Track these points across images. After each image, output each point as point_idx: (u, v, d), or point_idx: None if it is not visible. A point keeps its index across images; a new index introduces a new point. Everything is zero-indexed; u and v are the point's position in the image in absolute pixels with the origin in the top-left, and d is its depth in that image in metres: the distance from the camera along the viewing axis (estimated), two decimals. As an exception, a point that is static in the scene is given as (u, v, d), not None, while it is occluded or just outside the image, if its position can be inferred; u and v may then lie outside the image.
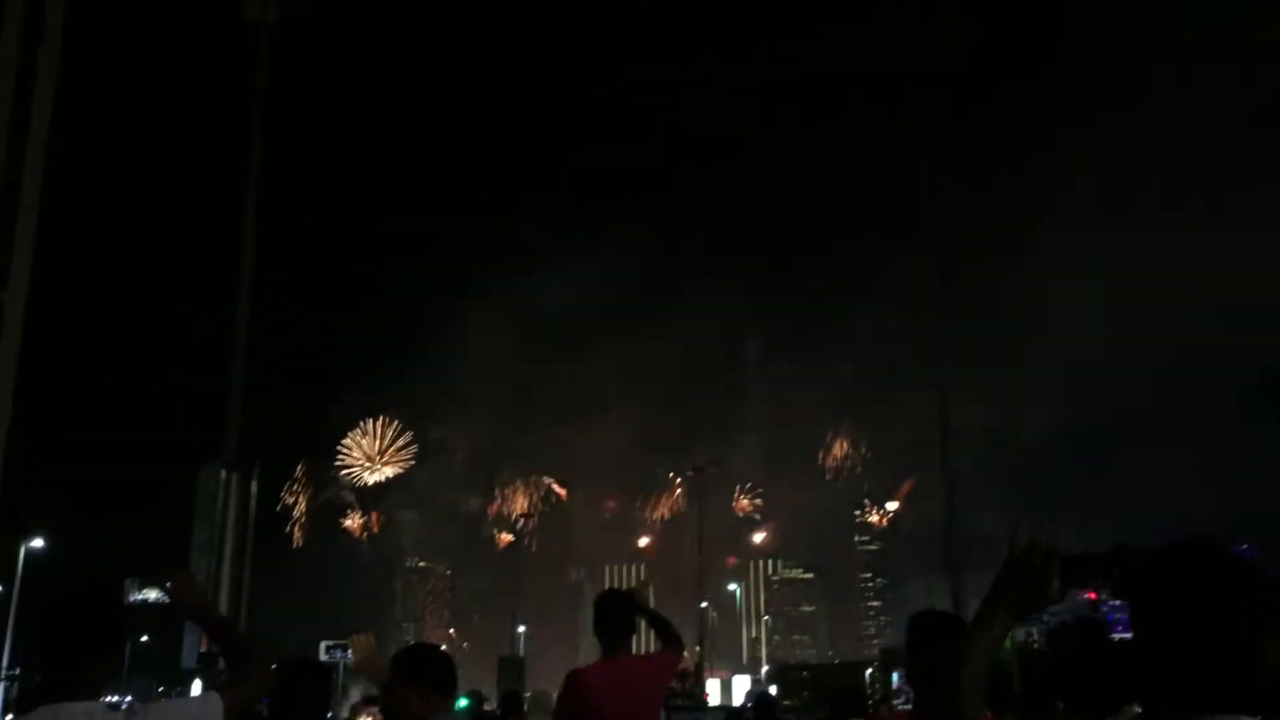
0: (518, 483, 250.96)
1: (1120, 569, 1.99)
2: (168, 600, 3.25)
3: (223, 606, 12.53)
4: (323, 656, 28.18)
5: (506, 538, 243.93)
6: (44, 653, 2.95)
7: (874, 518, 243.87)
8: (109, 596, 3.03)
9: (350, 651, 4.55)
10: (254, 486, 13.09)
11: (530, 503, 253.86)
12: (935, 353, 16.46)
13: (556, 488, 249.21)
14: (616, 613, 5.06)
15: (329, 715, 4.96)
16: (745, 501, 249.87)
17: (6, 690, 42.44)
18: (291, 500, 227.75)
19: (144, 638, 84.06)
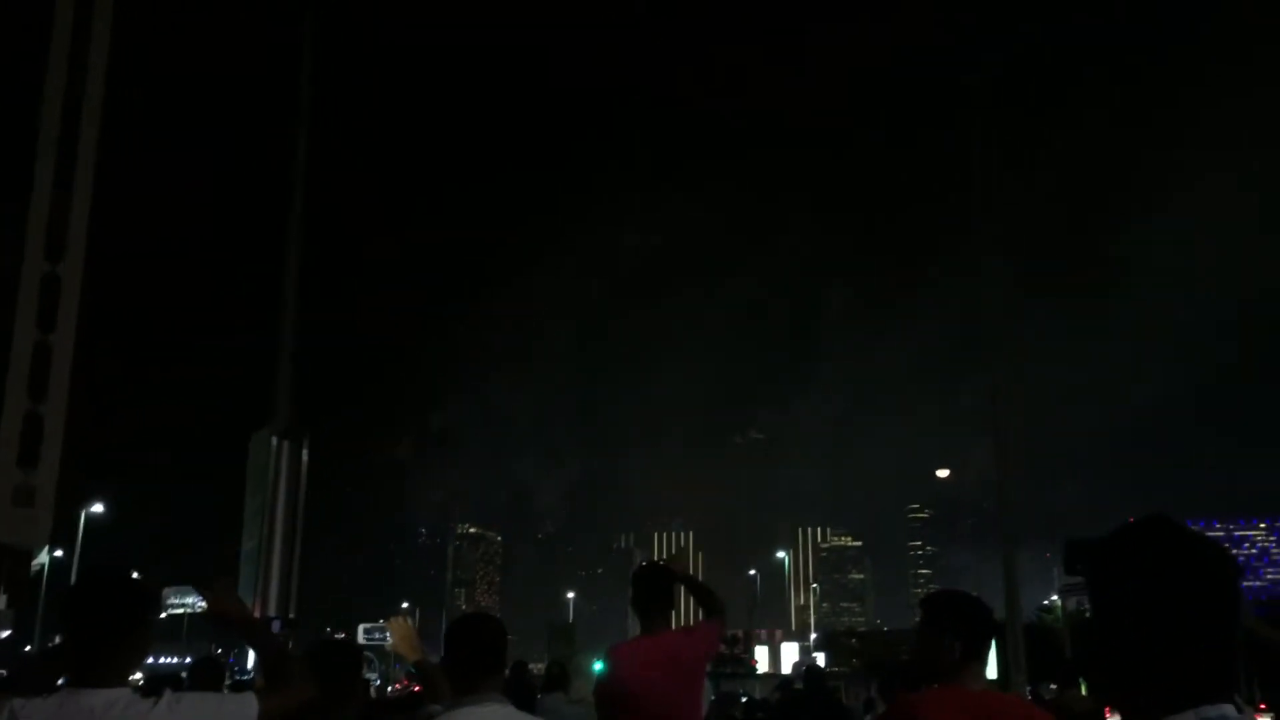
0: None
1: (1067, 550, 1.80)
2: (205, 607, 3.16)
3: (274, 575, 12.57)
4: (361, 639, 28.45)
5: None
6: (67, 634, 2.87)
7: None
8: (130, 579, 2.93)
9: (388, 634, 4.50)
10: (305, 454, 13.06)
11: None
12: (994, 317, 16.07)
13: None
14: (652, 588, 4.94)
15: (364, 691, 4.89)
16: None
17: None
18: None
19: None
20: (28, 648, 47.74)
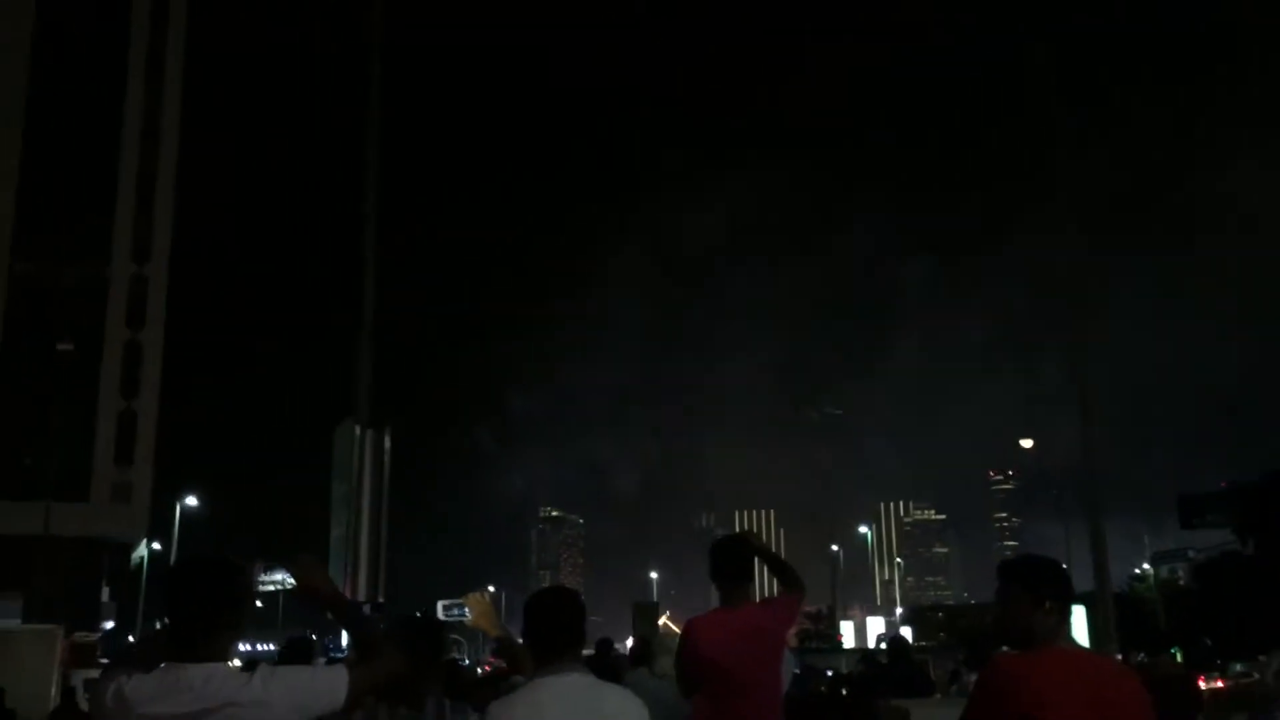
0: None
1: (1184, 502, 1.78)
2: (294, 584, 3.27)
3: (362, 561, 12.84)
4: (440, 615, 28.97)
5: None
6: (167, 614, 3.01)
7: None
8: (222, 560, 3.06)
9: (467, 609, 4.58)
10: (387, 441, 13.27)
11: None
12: (1072, 281, 15.75)
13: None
14: (731, 559, 4.96)
15: (449, 667, 5.01)
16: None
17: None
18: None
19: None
20: (130, 637, 49.25)
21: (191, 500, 52.45)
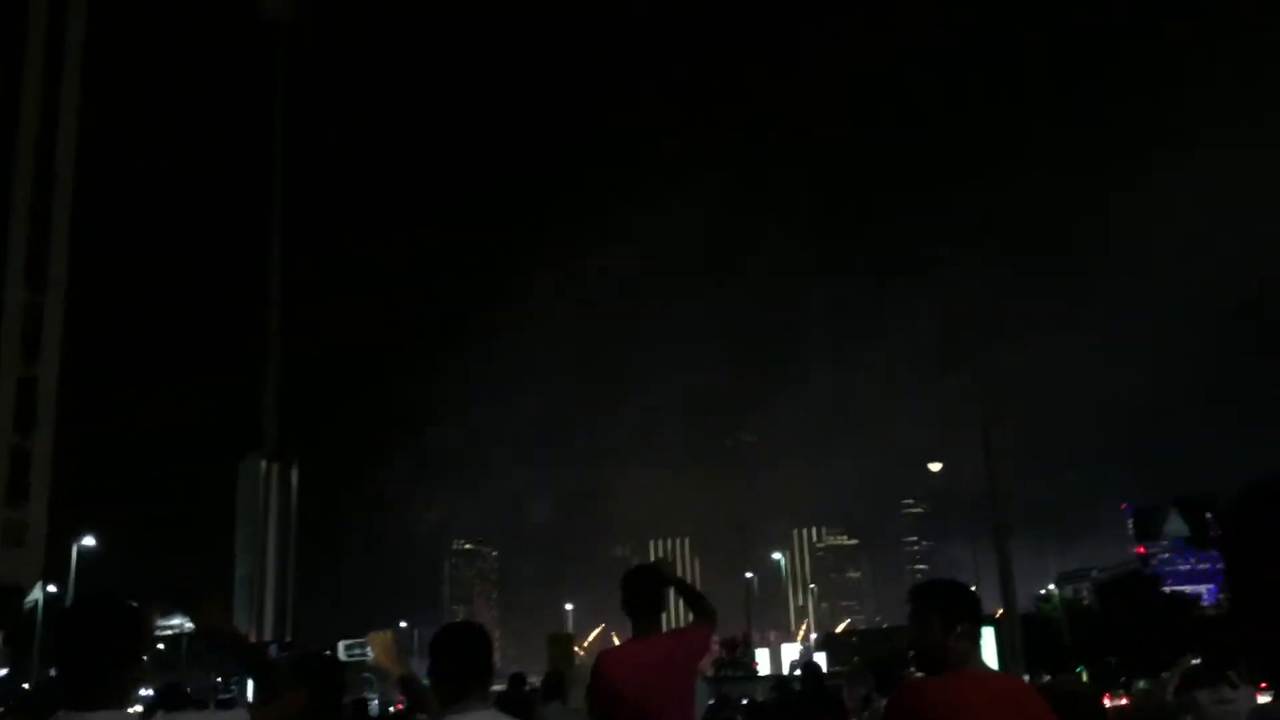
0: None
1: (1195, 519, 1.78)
2: (194, 626, 3.18)
3: (269, 600, 12.47)
4: (342, 655, 28.38)
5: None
6: (61, 659, 2.86)
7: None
8: (118, 603, 2.93)
9: (369, 649, 4.46)
10: (295, 476, 12.96)
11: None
12: (979, 307, 16.13)
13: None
14: (642, 590, 4.92)
15: (357, 707, 4.89)
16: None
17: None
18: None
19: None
20: (25, 685, 47.36)
21: (89, 540, 50.72)
